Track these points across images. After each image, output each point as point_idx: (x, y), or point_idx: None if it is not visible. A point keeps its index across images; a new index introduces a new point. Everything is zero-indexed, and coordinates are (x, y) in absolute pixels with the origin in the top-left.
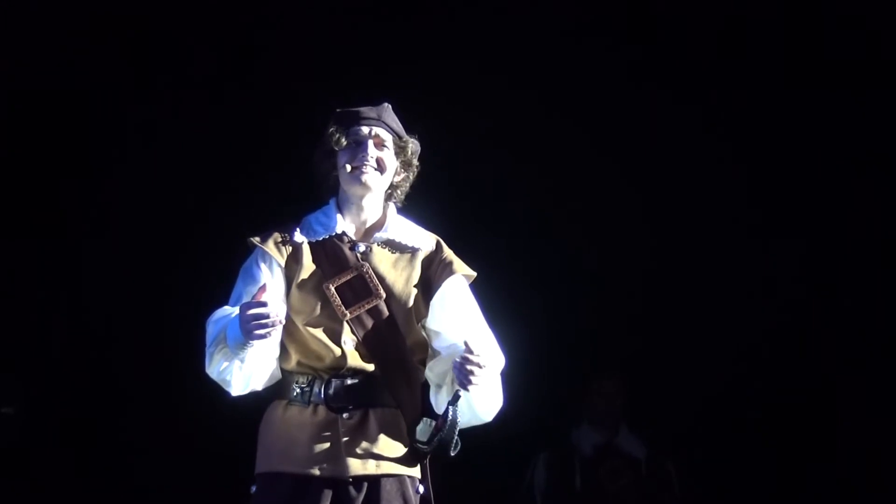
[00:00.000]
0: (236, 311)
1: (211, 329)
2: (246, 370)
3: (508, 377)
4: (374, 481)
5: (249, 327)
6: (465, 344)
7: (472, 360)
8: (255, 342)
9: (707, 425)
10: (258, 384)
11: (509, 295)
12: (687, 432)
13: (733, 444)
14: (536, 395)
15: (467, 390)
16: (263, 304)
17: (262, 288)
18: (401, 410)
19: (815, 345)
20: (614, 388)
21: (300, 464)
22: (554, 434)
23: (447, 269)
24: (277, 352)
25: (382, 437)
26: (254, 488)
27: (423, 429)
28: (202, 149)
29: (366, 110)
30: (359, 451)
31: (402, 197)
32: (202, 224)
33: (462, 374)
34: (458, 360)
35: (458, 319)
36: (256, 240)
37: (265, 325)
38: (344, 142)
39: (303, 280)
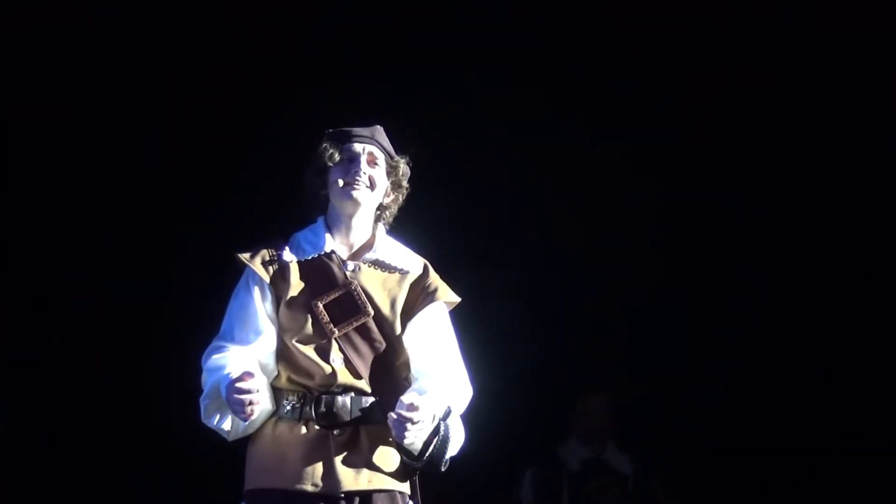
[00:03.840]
0: (229, 361)
1: (206, 378)
2: (240, 422)
3: (495, 393)
4: (366, 497)
5: (234, 409)
6: (400, 401)
7: (403, 416)
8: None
9: (695, 441)
10: (254, 429)
11: (496, 311)
12: (674, 448)
13: (721, 458)
14: (523, 411)
15: (401, 443)
16: (248, 391)
17: (247, 374)
18: None
19: (806, 360)
20: (601, 405)
21: (291, 480)
22: (541, 450)
23: (430, 296)
24: (270, 399)
25: (374, 453)
26: None
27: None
28: (197, 159)
29: (359, 129)
30: (350, 466)
31: (391, 219)
32: (195, 233)
33: (395, 428)
34: (392, 415)
35: (430, 347)
36: (245, 257)
37: (245, 411)
38: (337, 157)
39: (291, 298)
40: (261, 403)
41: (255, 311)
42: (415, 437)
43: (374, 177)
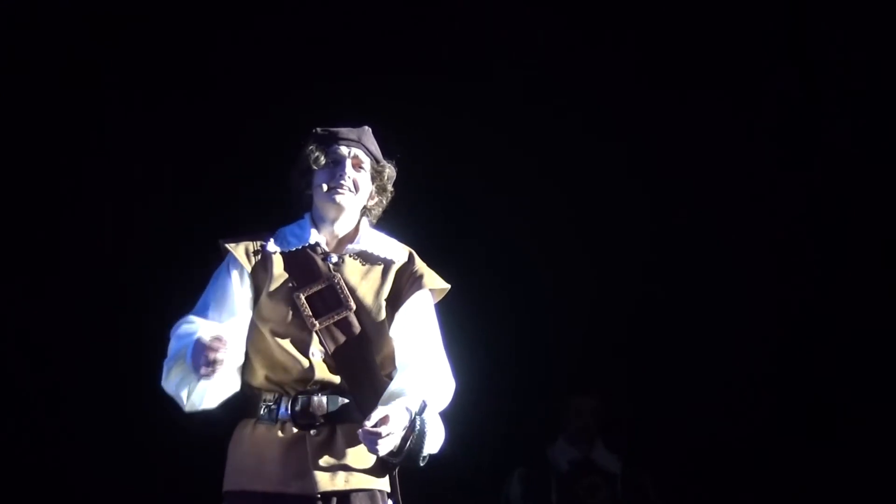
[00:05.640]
0: (199, 328)
1: (173, 344)
2: (200, 390)
3: (484, 392)
4: (344, 497)
5: (196, 362)
6: (369, 417)
7: (371, 431)
8: (203, 378)
9: (687, 440)
10: (211, 404)
11: (485, 310)
12: (665, 447)
13: (713, 458)
14: (512, 411)
15: (376, 454)
16: (216, 349)
17: (221, 338)
18: None
19: (800, 362)
20: (590, 405)
21: (269, 482)
22: (529, 450)
23: (416, 283)
24: (237, 379)
25: (350, 452)
26: None
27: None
28: (186, 157)
29: (346, 131)
30: (327, 466)
31: (375, 220)
32: (167, 233)
33: (366, 442)
34: (360, 431)
35: (413, 339)
36: (230, 245)
37: (208, 363)
38: (322, 161)
39: (273, 289)
40: (224, 365)
41: (232, 295)
42: (387, 449)
43: (359, 181)
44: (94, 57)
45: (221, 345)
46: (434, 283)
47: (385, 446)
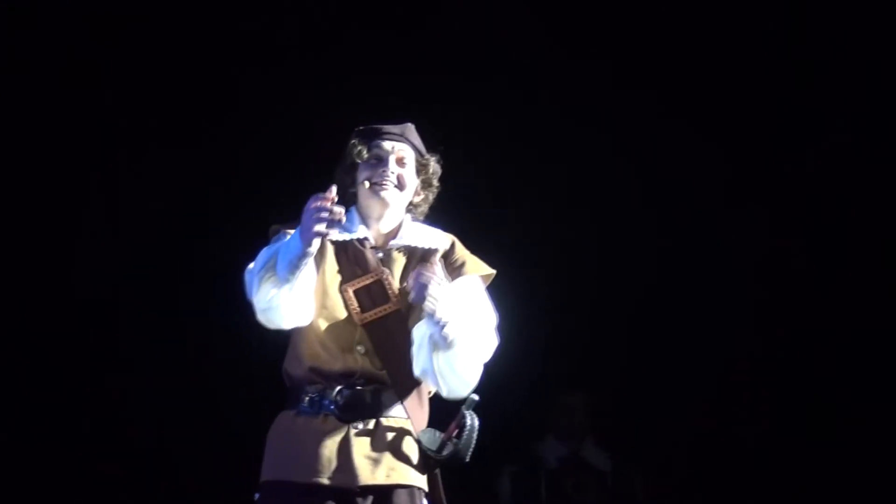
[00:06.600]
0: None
1: (262, 257)
2: (294, 297)
3: (480, 391)
4: (382, 492)
5: (310, 216)
6: (422, 264)
7: (425, 273)
8: (315, 239)
9: (686, 440)
10: (306, 315)
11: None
12: (663, 446)
13: (712, 458)
14: (507, 408)
15: (423, 302)
16: (331, 199)
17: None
18: (411, 420)
19: (800, 362)
20: (578, 403)
21: (307, 472)
22: (518, 447)
23: (457, 271)
24: (311, 307)
25: (392, 447)
26: (257, 496)
27: (430, 438)
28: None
29: (389, 127)
30: (368, 460)
31: (421, 217)
32: (167, 233)
33: (417, 284)
34: (413, 272)
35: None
36: (288, 231)
37: (327, 216)
38: (366, 155)
39: (323, 278)
40: (340, 222)
41: None
42: (435, 299)
43: (403, 176)
44: (94, 57)
45: (333, 197)
46: (476, 269)
47: (434, 294)
